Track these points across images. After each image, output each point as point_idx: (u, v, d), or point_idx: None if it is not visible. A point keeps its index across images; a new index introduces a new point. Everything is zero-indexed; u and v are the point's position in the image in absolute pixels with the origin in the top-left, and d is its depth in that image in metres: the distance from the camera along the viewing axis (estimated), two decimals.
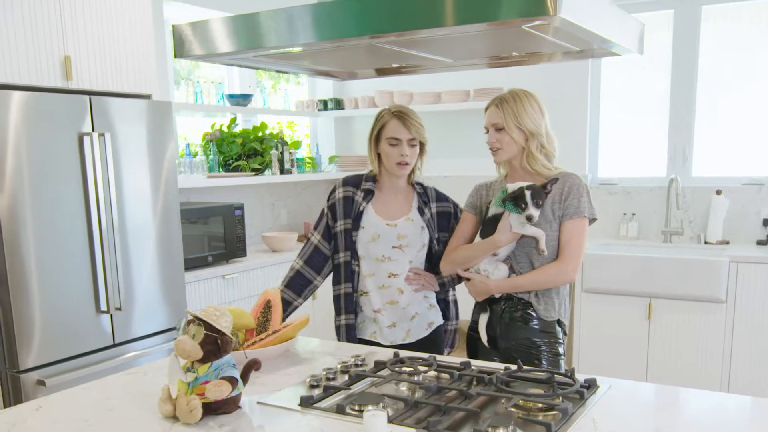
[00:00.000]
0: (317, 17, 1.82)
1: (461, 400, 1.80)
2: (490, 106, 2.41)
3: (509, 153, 2.40)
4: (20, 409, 1.87)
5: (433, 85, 5.32)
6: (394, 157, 2.53)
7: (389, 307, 2.59)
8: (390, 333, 2.60)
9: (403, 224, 2.58)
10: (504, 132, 2.36)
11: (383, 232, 2.56)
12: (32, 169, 2.94)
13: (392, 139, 2.52)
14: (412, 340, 2.61)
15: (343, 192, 2.64)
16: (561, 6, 1.49)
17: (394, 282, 2.58)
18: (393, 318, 2.59)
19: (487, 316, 2.43)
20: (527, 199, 2.25)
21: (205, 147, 4.72)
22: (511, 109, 2.35)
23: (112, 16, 3.36)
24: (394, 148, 2.53)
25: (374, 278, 2.58)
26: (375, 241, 2.56)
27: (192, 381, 1.73)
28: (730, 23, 4.66)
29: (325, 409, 1.76)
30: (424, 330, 2.64)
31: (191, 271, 3.90)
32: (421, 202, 2.63)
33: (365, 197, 2.60)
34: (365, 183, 2.63)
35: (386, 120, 2.55)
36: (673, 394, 1.90)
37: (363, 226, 2.57)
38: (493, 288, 2.39)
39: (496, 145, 2.40)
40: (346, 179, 2.68)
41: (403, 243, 2.57)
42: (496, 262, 2.40)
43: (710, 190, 4.64)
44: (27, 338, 2.94)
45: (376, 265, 2.58)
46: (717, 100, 4.74)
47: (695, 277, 4.15)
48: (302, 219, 5.59)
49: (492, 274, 2.38)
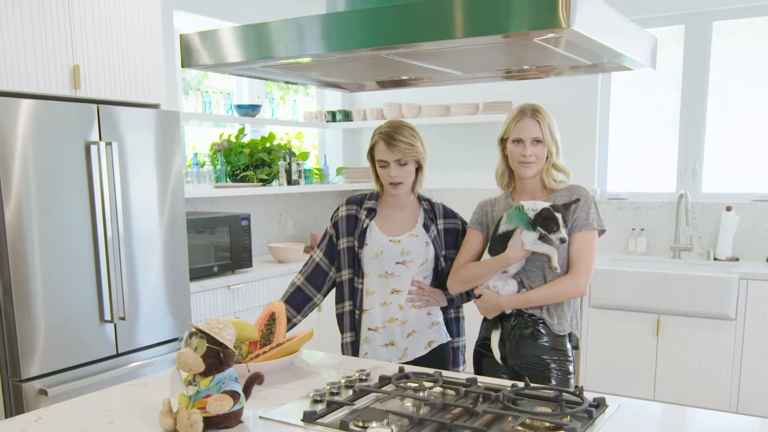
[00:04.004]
0: (326, 28, 1.81)
1: (467, 418, 1.77)
2: (522, 118, 2.35)
3: (540, 166, 2.36)
4: (20, 419, 1.85)
5: (442, 98, 5.31)
6: (384, 177, 2.53)
7: (388, 326, 2.55)
8: (385, 352, 2.55)
9: (406, 240, 2.55)
10: (541, 144, 2.33)
11: (386, 249, 2.54)
12: (39, 176, 2.93)
13: (380, 161, 2.51)
14: (410, 359, 2.55)
15: (346, 210, 2.63)
16: (573, 19, 1.47)
17: (396, 298, 2.55)
18: (390, 337, 2.55)
19: (498, 333, 2.39)
20: (560, 222, 2.21)
21: (212, 157, 4.72)
22: (546, 121, 2.33)
23: (121, 25, 3.36)
24: (384, 170, 2.52)
25: (377, 295, 2.55)
26: (378, 258, 2.54)
27: (193, 394, 1.71)
28: (741, 39, 4.63)
29: (328, 424, 1.73)
30: (422, 349, 2.57)
31: (196, 281, 3.88)
32: (427, 219, 2.59)
33: (368, 215, 2.59)
34: (368, 201, 2.63)
35: (375, 140, 2.53)
36: (682, 415, 1.87)
37: (367, 243, 2.55)
38: (504, 304, 2.34)
39: (532, 158, 2.34)
40: (349, 198, 2.68)
41: (407, 258, 2.54)
42: (505, 278, 2.36)
43: (720, 206, 4.61)
44: (30, 347, 2.93)
45: (379, 281, 2.55)
46: (727, 115, 4.72)
47: (704, 293, 4.11)
48: (309, 230, 5.58)
49: (502, 290, 2.35)
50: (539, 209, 2.24)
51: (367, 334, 2.57)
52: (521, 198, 2.42)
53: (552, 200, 2.33)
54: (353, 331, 2.59)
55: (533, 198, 2.39)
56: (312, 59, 1.92)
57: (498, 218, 2.41)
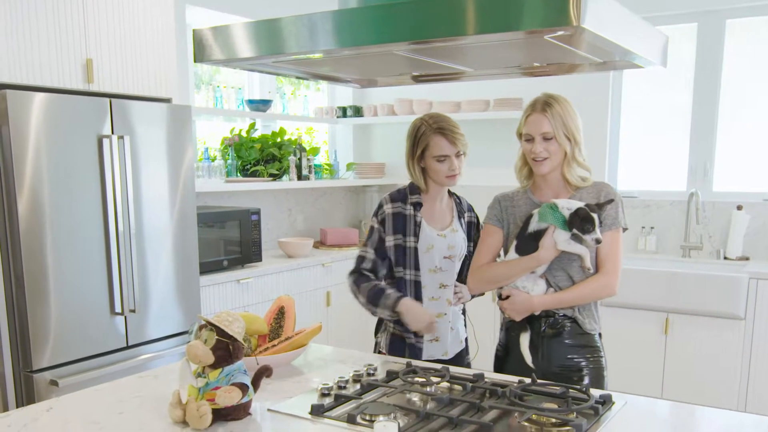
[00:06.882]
0: (338, 24, 1.81)
1: (473, 413, 1.78)
2: (532, 113, 2.25)
3: (555, 162, 2.26)
4: (32, 409, 1.88)
5: (452, 94, 5.31)
6: (443, 172, 2.47)
7: (437, 321, 2.51)
8: (429, 347, 2.54)
9: (450, 234, 2.55)
10: (553, 140, 2.22)
11: (436, 243, 2.52)
12: (51, 169, 2.95)
13: (440, 156, 2.46)
14: (451, 356, 2.57)
15: (392, 208, 2.54)
16: (584, 16, 1.48)
17: (443, 293, 2.55)
18: (438, 332, 2.53)
19: (528, 335, 2.28)
20: (596, 222, 2.15)
21: (223, 151, 4.74)
22: (559, 115, 2.21)
23: (135, 19, 3.38)
24: (443, 164, 2.46)
25: (426, 289, 2.54)
26: (429, 252, 2.52)
27: (202, 386, 1.73)
28: (754, 37, 4.61)
29: (336, 418, 1.74)
30: (458, 344, 2.62)
31: (206, 275, 3.90)
32: (459, 212, 2.61)
33: (416, 209, 2.54)
34: (411, 197, 2.55)
35: (429, 137, 2.46)
36: (689, 413, 1.87)
37: (419, 238, 2.52)
38: (537, 305, 2.24)
39: (543, 155, 2.23)
40: (392, 195, 2.58)
41: (453, 253, 2.55)
42: (534, 278, 2.27)
43: (731, 205, 4.59)
44: (41, 338, 2.96)
45: (429, 276, 2.54)
46: (739, 114, 4.69)
47: (714, 293, 4.10)
48: (319, 225, 5.59)
49: (531, 290, 2.25)
50: (574, 209, 2.17)
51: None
52: (542, 194, 2.34)
53: (578, 198, 2.26)
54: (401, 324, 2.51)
55: (556, 195, 2.30)
56: (323, 55, 1.93)
57: (520, 215, 2.34)
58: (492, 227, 2.41)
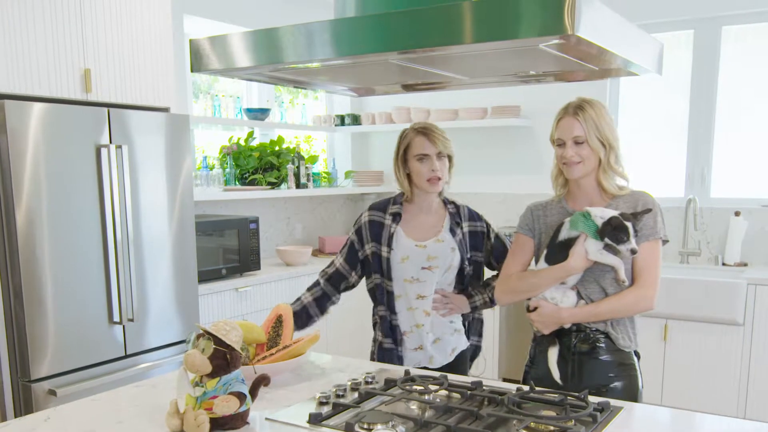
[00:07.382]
0: (336, 33, 1.82)
1: (472, 421, 1.78)
2: (564, 116, 2.19)
3: (588, 167, 2.17)
4: (30, 419, 1.87)
5: (450, 102, 5.32)
6: (424, 173, 2.50)
7: (416, 330, 2.55)
8: (414, 356, 2.57)
9: (432, 245, 2.54)
10: (585, 144, 2.14)
11: (413, 254, 2.53)
12: (50, 179, 2.96)
13: (420, 155, 2.49)
14: (436, 366, 2.57)
15: (369, 216, 2.61)
16: (579, 25, 1.48)
17: (421, 304, 2.55)
18: (419, 341, 2.56)
19: (557, 350, 2.19)
20: (630, 232, 2.05)
21: (222, 160, 4.74)
22: (592, 119, 2.14)
23: (132, 29, 3.39)
24: (423, 164, 2.49)
25: (402, 299, 2.56)
26: (404, 263, 2.54)
27: (200, 395, 1.72)
28: (750, 44, 4.63)
29: (334, 426, 1.74)
30: (447, 356, 2.60)
31: (205, 284, 3.90)
32: (453, 222, 2.59)
33: (394, 220, 2.57)
34: (392, 206, 2.61)
35: (411, 138, 2.53)
36: (688, 419, 1.87)
37: (393, 248, 2.54)
38: (566, 317, 2.15)
39: (575, 159, 2.15)
40: (373, 204, 2.67)
41: (432, 264, 2.54)
42: (564, 289, 2.17)
43: (729, 211, 4.59)
44: (40, 348, 2.95)
45: (404, 286, 2.55)
46: (736, 120, 4.70)
47: (712, 299, 4.10)
48: (317, 233, 5.60)
49: (561, 301, 2.16)
50: (607, 217, 2.08)
51: (400, 337, 2.57)
52: (576, 202, 2.26)
53: (614, 207, 2.17)
54: (388, 336, 2.57)
55: (591, 203, 2.21)
56: (321, 64, 1.94)
57: (553, 224, 2.25)
58: (523, 236, 2.33)
